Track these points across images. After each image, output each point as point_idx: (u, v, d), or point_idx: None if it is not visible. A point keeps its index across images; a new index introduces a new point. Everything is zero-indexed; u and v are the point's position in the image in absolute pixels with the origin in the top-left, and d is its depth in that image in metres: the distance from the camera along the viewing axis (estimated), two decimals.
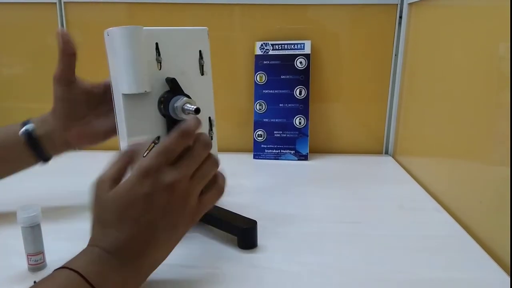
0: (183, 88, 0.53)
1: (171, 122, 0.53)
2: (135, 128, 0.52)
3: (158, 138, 0.53)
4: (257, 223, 0.54)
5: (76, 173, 0.58)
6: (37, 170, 0.87)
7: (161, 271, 0.48)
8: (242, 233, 0.54)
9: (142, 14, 0.94)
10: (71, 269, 0.37)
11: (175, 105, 0.51)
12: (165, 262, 0.44)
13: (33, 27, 0.96)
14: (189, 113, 0.51)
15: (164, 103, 0.52)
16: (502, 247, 0.52)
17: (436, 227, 0.61)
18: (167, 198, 0.40)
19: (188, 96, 0.52)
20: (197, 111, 0.50)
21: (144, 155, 0.45)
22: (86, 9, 0.95)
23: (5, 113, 1.02)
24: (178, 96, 0.52)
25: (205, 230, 0.58)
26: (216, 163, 0.46)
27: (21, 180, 0.73)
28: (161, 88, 0.53)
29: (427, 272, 0.49)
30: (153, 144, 0.49)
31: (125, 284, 0.40)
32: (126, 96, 0.51)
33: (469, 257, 0.53)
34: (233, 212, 0.57)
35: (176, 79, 0.52)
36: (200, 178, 0.44)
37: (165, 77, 0.53)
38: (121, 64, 0.50)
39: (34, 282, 0.38)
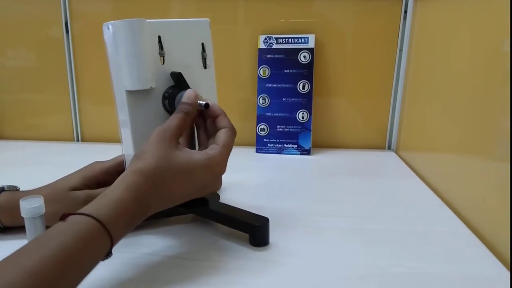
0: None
1: None
2: (139, 125, 0.51)
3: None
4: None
5: (77, 167, 0.58)
6: (39, 163, 0.87)
7: (169, 264, 0.49)
8: (255, 230, 0.53)
9: (145, 7, 0.94)
10: (82, 214, 0.39)
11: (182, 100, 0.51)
12: (173, 255, 0.48)
13: (37, 19, 0.96)
14: (198, 109, 0.50)
15: (169, 99, 0.51)
16: (503, 243, 0.52)
17: (438, 222, 0.61)
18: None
19: None
20: (206, 106, 0.50)
21: None
22: (89, 1, 0.94)
23: (9, 105, 1.03)
24: (184, 91, 0.51)
25: (214, 228, 0.58)
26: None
27: (23, 172, 0.74)
28: (165, 83, 0.52)
29: (429, 267, 0.49)
30: None
31: (131, 226, 0.43)
32: (129, 92, 0.50)
33: (471, 253, 0.53)
34: (243, 210, 0.56)
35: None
36: None
37: (169, 72, 0.52)
38: (124, 59, 0.49)
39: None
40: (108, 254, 0.40)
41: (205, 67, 0.56)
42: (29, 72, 1.01)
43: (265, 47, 0.93)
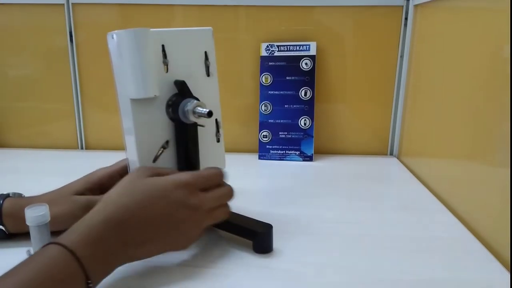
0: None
1: (179, 125, 0.53)
2: (144, 133, 0.52)
3: (167, 142, 0.53)
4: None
5: (81, 175, 0.58)
6: (43, 171, 0.88)
7: (172, 271, 0.49)
8: (258, 237, 0.53)
9: (148, 16, 0.95)
10: (57, 243, 0.39)
11: (186, 108, 0.51)
12: (176, 262, 0.47)
13: (42, 28, 0.97)
14: (200, 116, 0.51)
15: (173, 107, 0.52)
16: (506, 248, 0.52)
17: (440, 228, 0.61)
18: (187, 214, 0.46)
19: (197, 99, 0.52)
20: (210, 114, 0.50)
21: (154, 161, 0.52)
22: (93, 10, 0.95)
23: (13, 113, 1.04)
24: (188, 99, 0.52)
25: (218, 235, 0.58)
26: (231, 195, 0.52)
27: (27, 180, 0.74)
28: (168, 91, 0.53)
29: (431, 272, 0.49)
30: (162, 149, 0.51)
31: (111, 261, 0.43)
32: (134, 101, 0.50)
33: (473, 258, 0.53)
34: (246, 216, 0.56)
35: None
36: (216, 207, 0.50)
37: (173, 80, 0.52)
38: (128, 68, 0.49)
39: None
40: (88, 283, 0.39)
41: (208, 75, 0.57)
42: (33, 81, 1.01)
43: (267, 55, 0.94)
